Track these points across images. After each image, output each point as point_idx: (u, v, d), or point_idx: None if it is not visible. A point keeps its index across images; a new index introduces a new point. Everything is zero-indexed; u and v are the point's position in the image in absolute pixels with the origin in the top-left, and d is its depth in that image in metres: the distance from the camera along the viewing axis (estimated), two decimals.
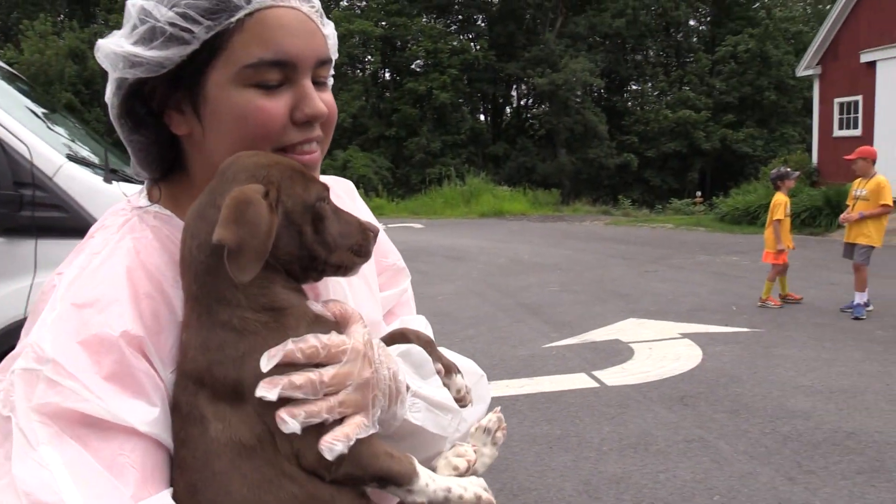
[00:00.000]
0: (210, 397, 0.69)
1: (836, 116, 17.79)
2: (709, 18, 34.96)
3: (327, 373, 0.69)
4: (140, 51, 0.74)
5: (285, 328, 0.71)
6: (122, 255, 0.74)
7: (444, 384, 0.84)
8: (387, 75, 34.08)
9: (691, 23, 35.38)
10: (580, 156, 30.23)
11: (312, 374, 0.68)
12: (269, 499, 0.68)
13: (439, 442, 0.85)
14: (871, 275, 7.18)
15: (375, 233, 0.80)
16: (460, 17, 34.24)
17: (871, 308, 7.10)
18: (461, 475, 0.81)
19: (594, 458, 3.96)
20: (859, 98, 16.91)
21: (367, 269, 0.90)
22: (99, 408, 0.65)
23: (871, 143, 16.29)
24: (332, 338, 0.71)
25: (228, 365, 0.69)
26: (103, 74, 0.78)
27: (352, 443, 0.68)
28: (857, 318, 6.89)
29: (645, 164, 30.37)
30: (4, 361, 0.70)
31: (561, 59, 29.56)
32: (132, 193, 0.88)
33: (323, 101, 0.79)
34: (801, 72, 18.95)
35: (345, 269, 0.78)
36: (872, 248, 7.01)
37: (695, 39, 35.04)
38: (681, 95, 31.07)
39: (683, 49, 35.00)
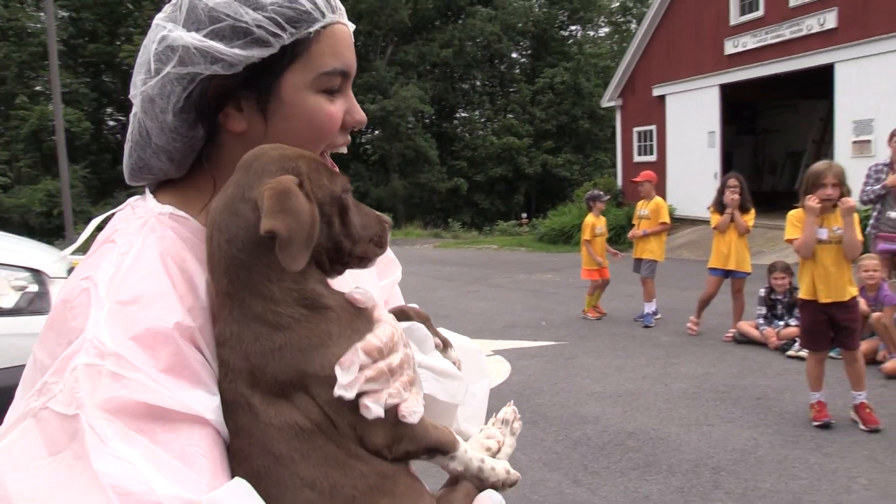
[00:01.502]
0: (251, 385, 0.69)
1: (636, 143, 19.59)
2: (529, 52, 37.25)
3: (394, 361, 0.73)
4: (221, 47, 0.75)
5: (320, 325, 0.71)
6: (152, 252, 0.74)
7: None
8: None
9: (514, 55, 37.49)
10: (412, 180, 30.87)
11: (382, 365, 0.71)
12: (339, 477, 0.69)
13: (451, 410, 0.87)
14: (658, 286, 7.95)
15: (390, 224, 0.83)
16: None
17: (658, 316, 7.86)
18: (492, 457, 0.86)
19: None
20: (653, 127, 18.76)
21: None
22: (167, 398, 0.65)
23: (664, 167, 18.12)
24: (385, 331, 0.74)
25: (267, 358, 0.69)
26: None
27: (422, 412, 0.73)
28: (646, 327, 7.59)
29: (474, 188, 31.61)
30: (59, 362, 0.67)
31: (392, 86, 30.17)
32: (133, 199, 0.86)
33: None
34: (606, 103, 20.71)
35: (367, 261, 0.80)
36: (656, 262, 7.77)
37: (517, 70, 37.17)
38: (505, 123, 32.77)
39: (507, 79, 36.99)
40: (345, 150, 0.89)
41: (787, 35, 14.54)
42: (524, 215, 26.87)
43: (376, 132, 31.73)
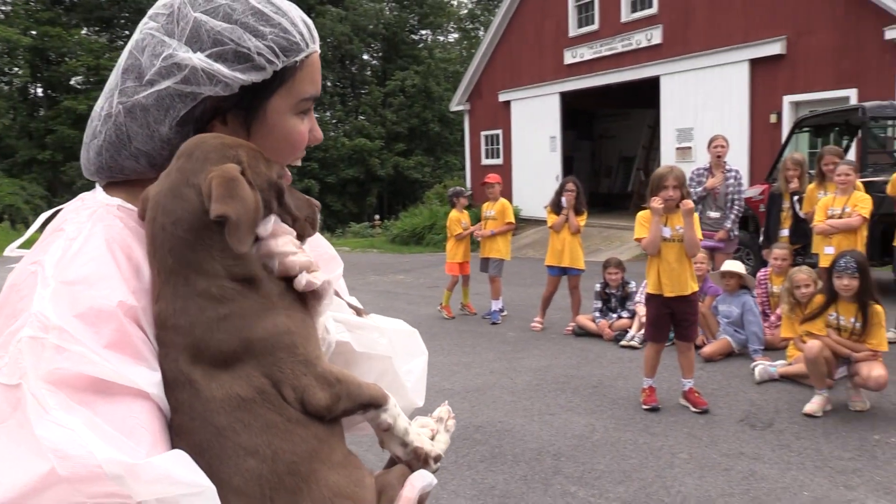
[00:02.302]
0: (193, 361, 0.72)
1: (483, 147, 20.24)
2: (380, 54, 37.33)
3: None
4: (226, 71, 0.81)
5: (260, 295, 0.77)
6: (99, 238, 0.77)
7: None
8: (39, 91, 30.14)
9: (365, 57, 37.43)
10: None
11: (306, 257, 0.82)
12: (279, 443, 0.72)
13: (373, 364, 0.92)
14: (505, 284, 8.24)
15: (319, 206, 0.90)
16: (127, 32, 31.69)
17: (505, 313, 8.15)
18: None
19: None
20: (500, 131, 19.47)
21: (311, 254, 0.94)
22: (110, 371, 0.67)
23: (510, 170, 18.83)
24: (308, 257, 0.83)
25: (213, 329, 0.73)
26: None
27: (321, 281, 0.81)
28: (493, 323, 7.85)
29: (326, 190, 31.17)
30: (4, 337, 0.69)
31: None
32: (84, 194, 0.88)
33: None
34: (454, 107, 21.22)
35: (303, 239, 0.86)
36: (503, 260, 8.06)
37: (368, 72, 37.13)
38: (357, 124, 32.64)
39: (358, 81, 36.86)
40: (299, 163, 0.97)
41: (619, 48, 15.62)
42: (376, 217, 26.89)
43: None
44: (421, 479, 0.84)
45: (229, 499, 0.69)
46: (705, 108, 13.63)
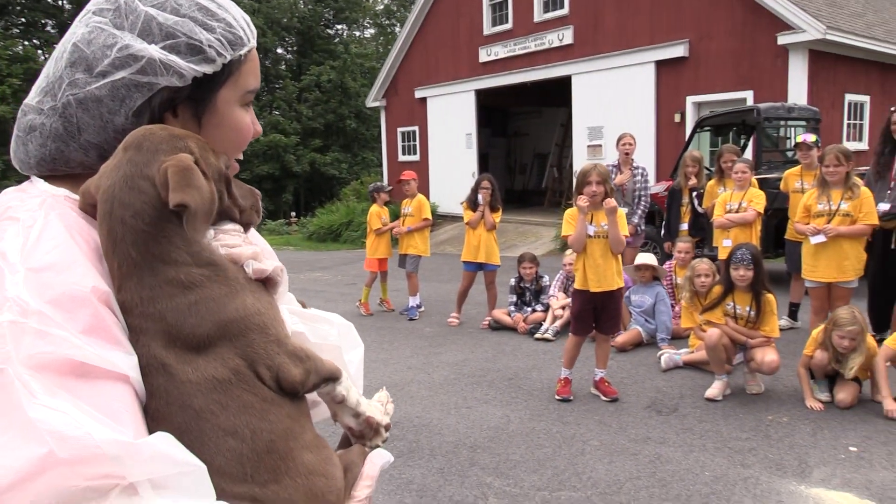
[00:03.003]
0: (166, 346, 0.73)
1: (400, 143, 20.22)
2: (295, 48, 36.66)
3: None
4: (181, 62, 0.83)
5: (228, 279, 0.79)
6: (58, 225, 0.76)
7: None
8: None
9: (279, 51, 36.66)
10: None
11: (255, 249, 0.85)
12: (257, 422, 0.75)
13: (325, 354, 0.91)
14: (422, 280, 8.27)
15: (260, 195, 0.94)
16: (24, 20, 29.84)
17: (422, 309, 8.19)
18: None
19: None
20: (416, 128, 19.50)
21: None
22: (92, 354, 0.67)
23: (427, 166, 18.89)
24: (255, 247, 0.86)
25: (185, 314, 0.74)
26: None
27: (273, 268, 0.85)
28: (411, 319, 7.87)
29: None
30: None
31: None
32: (19, 185, 0.86)
33: None
34: (371, 103, 21.09)
35: (249, 226, 0.90)
36: (420, 257, 8.09)
37: (283, 67, 36.38)
38: (271, 120, 31.91)
39: (272, 75, 36.05)
40: (241, 157, 0.98)
41: (532, 47, 15.93)
42: (293, 214, 26.43)
43: None
44: (380, 458, 0.92)
45: (212, 479, 0.70)
46: (614, 107, 14.09)
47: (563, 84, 15.42)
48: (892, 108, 5.91)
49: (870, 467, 3.71)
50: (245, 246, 0.84)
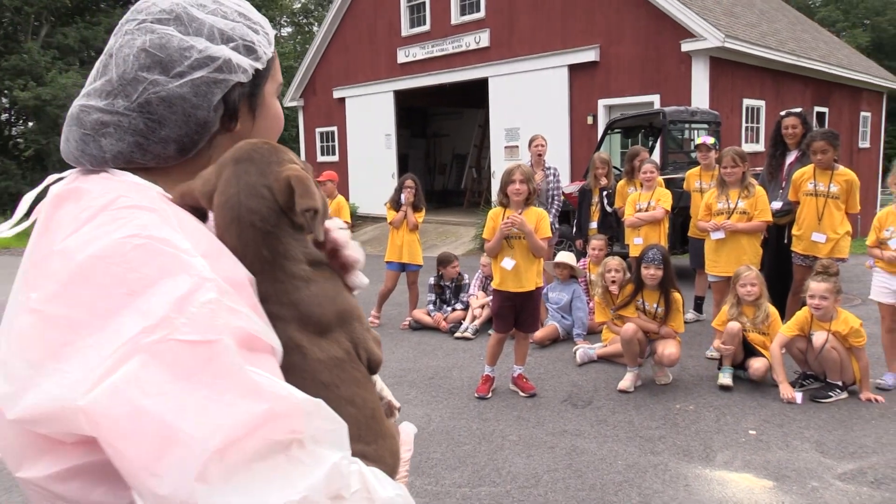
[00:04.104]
0: (300, 330, 0.85)
1: (319, 144, 20.00)
2: None
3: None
4: (248, 61, 0.95)
5: (332, 272, 0.93)
6: (190, 217, 0.85)
7: None
8: None
9: None
10: None
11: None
12: (364, 393, 0.91)
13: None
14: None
15: None
16: None
17: None
18: None
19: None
20: (335, 128, 19.34)
21: None
22: (262, 330, 0.77)
23: (346, 167, 18.76)
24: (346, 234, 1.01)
25: (312, 304, 0.87)
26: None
27: (359, 255, 1.01)
28: None
29: None
30: (175, 301, 0.71)
31: (48, 73, 26.43)
32: (106, 175, 0.91)
33: None
34: (288, 102, 20.74)
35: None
36: None
37: None
38: None
39: None
40: None
41: (450, 49, 16.08)
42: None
43: (30, 124, 27.54)
44: (410, 428, 1.08)
45: None
46: (530, 109, 14.40)
47: (481, 86, 15.64)
48: (781, 114, 6.33)
49: (767, 449, 3.98)
50: (342, 231, 1.01)
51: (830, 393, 4.67)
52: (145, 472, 0.65)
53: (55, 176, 0.94)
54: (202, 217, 0.90)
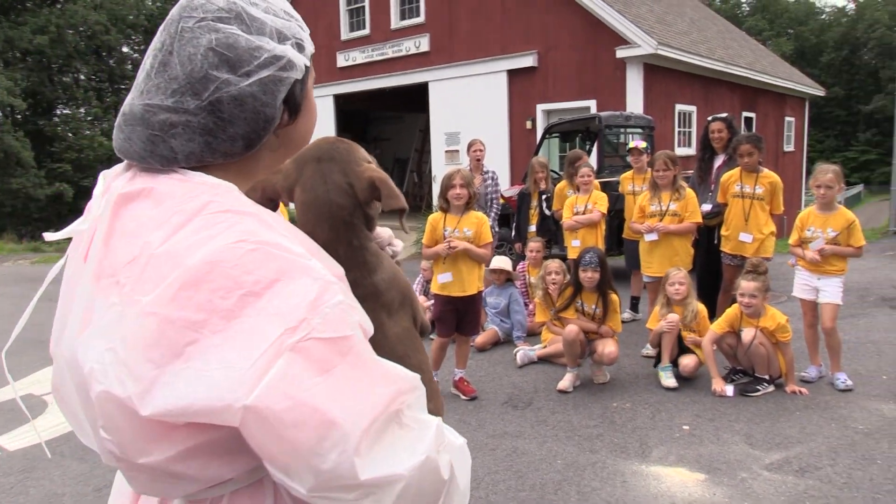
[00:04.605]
0: (379, 309, 1.00)
1: None
2: (142, 47, 34.63)
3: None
4: (304, 59, 1.01)
5: (390, 261, 1.10)
6: (280, 217, 0.91)
7: None
8: None
9: (125, 49, 34.52)
10: (2, 186, 26.37)
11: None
12: (424, 359, 1.11)
13: None
14: None
15: None
16: None
17: None
18: None
19: None
20: None
21: None
22: (369, 321, 0.89)
23: None
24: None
25: (387, 287, 1.03)
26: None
27: (400, 247, 1.28)
28: None
29: (82, 195, 28.28)
30: (309, 304, 0.79)
31: None
32: (178, 176, 0.92)
33: None
34: None
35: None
36: None
37: (129, 66, 34.27)
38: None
39: (117, 75, 33.91)
40: None
41: (390, 54, 16.07)
42: None
43: None
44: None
45: None
46: (470, 114, 14.52)
47: (421, 90, 15.69)
48: (709, 119, 6.56)
49: (699, 443, 4.11)
50: (385, 228, 1.16)
51: (759, 387, 4.86)
52: (311, 452, 0.76)
53: (110, 171, 0.98)
54: (273, 209, 0.99)
